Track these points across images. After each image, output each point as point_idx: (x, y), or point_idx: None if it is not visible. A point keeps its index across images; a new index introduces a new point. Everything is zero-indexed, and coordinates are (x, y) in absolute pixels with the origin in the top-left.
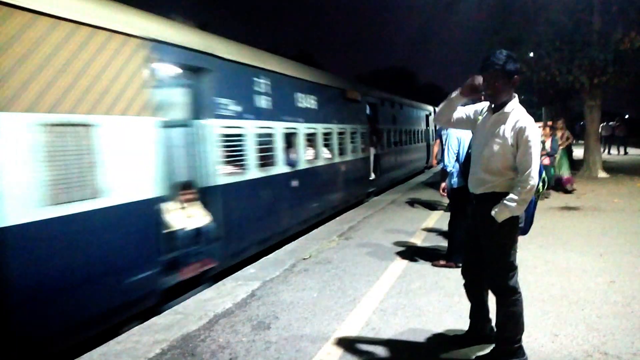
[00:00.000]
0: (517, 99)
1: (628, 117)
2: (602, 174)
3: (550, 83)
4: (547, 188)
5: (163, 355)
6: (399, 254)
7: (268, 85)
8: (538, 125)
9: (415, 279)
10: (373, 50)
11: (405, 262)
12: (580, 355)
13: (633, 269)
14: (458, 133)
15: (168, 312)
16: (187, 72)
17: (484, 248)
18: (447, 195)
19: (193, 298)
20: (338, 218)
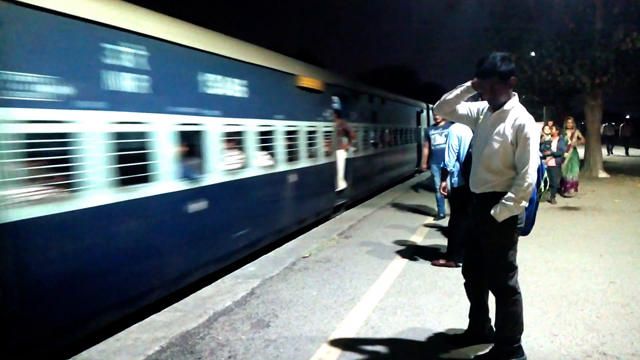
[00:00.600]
0: (516, 98)
1: (629, 117)
2: (602, 174)
3: (552, 83)
4: (553, 194)
5: (162, 353)
6: (399, 253)
7: (142, 58)
8: (538, 125)
9: (415, 278)
10: (373, 50)
11: (405, 261)
12: (580, 356)
13: (633, 270)
14: (459, 132)
15: (167, 309)
16: None
17: (484, 248)
18: (447, 195)
19: (192, 296)
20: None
